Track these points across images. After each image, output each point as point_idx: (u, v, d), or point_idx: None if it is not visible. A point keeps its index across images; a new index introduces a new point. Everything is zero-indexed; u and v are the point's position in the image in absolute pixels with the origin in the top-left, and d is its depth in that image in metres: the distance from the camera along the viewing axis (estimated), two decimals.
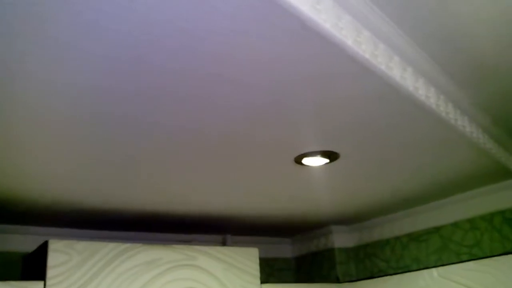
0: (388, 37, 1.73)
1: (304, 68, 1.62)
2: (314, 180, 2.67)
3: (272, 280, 4.09)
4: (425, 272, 3.11)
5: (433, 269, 3.07)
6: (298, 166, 2.46)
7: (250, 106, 1.85)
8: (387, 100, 1.87)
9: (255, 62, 1.58)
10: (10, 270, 3.23)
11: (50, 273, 2.66)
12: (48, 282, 2.64)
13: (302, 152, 2.32)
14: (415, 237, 3.57)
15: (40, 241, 3.25)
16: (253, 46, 1.49)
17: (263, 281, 3.66)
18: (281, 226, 3.73)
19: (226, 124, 1.98)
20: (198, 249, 3.09)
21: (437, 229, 3.45)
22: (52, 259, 2.68)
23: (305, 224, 3.73)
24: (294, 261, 4.26)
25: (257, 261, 3.26)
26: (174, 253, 3.01)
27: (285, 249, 4.22)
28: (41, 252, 2.80)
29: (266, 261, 4.09)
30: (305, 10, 1.37)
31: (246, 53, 1.53)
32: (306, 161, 2.40)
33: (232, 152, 2.27)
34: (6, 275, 3.18)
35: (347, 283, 3.61)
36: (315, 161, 2.40)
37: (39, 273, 2.77)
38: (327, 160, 2.39)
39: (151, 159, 2.28)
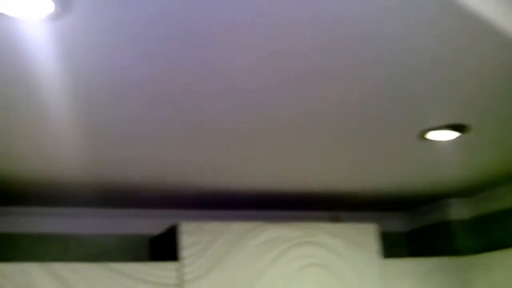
0: None
1: (436, 42, 1.60)
2: (439, 155, 2.63)
3: (386, 255, 4.08)
4: None
5: None
6: (423, 141, 2.44)
7: (377, 82, 1.85)
8: None
9: (385, 36, 1.57)
10: (138, 252, 3.41)
11: (184, 253, 2.79)
12: (183, 262, 2.78)
13: (428, 127, 2.29)
14: None
15: (165, 223, 3.41)
16: (386, 22, 1.49)
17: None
18: (394, 201, 3.71)
19: (349, 101, 2.00)
20: (318, 226, 3.14)
21: None
22: (185, 240, 2.81)
23: (421, 198, 3.69)
24: (407, 236, 4.22)
25: (376, 236, 3.26)
26: (296, 231, 3.07)
27: (397, 224, 4.19)
28: (171, 234, 2.94)
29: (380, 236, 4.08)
30: None
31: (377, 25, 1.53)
32: (431, 135, 2.37)
33: (351, 130, 2.29)
34: (135, 257, 3.35)
35: (466, 256, 3.55)
36: (442, 135, 2.37)
37: (170, 254, 2.92)
38: (456, 134, 2.35)
39: (273, 139, 2.34)
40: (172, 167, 2.61)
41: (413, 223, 4.17)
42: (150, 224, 3.44)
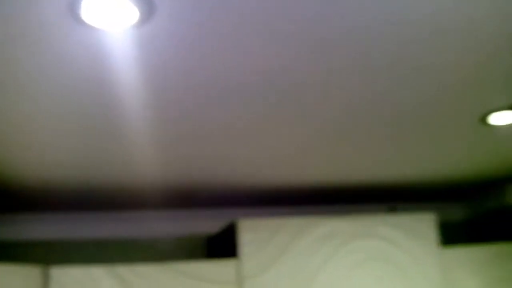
0: None
1: (497, 23, 1.58)
2: (499, 139, 2.58)
3: (444, 244, 4.02)
4: None
5: None
6: (483, 125, 2.40)
7: (436, 68, 1.83)
8: None
9: (446, 20, 1.55)
10: (195, 252, 3.44)
11: (242, 250, 2.81)
12: (242, 259, 2.79)
13: (487, 110, 2.25)
14: None
15: (219, 222, 3.43)
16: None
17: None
18: (452, 190, 3.66)
19: (406, 91, 1.98)
20: (374, 218, 3.11)
21: None
22: (244, 237, 2.82)
23: (479, 185, 3.63)
24: (466, 224, 4.15)
25: (434, 226, 3.22)
26: (353, 224, 3.05)
27: (456, 213, 4.13)
28: (229, 232, 2.96)
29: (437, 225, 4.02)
30: None
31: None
32: (491, 119, 2.32)
33: (408, 119, 2.27)
34: (193, 257, 3.39)
35: None
36: (501, 118, 2.32)
37: (229, 252, 2.94)
38: None
39: (328, 132, 2.34)
40: (228, 164, 2.64)
41: (472, 210, 4.10)
42: (206, 223, 3.47)
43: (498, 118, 2.33)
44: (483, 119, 2.34)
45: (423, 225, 3.19)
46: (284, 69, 1.73)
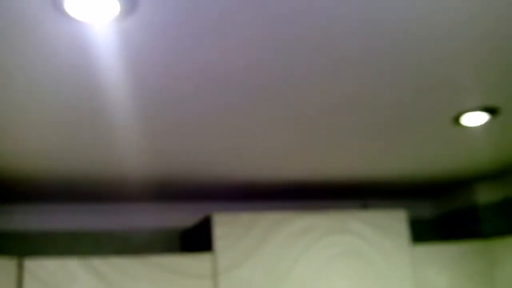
0: None
1: (471, 25, 1.62)
2: (471, 139, 2.64)
3: (414, 241, 4.09)
4: None
5: None
6: (455, 125, 2.45)
7: (410, 68, 1.87)
8: None
9: (420, 22, 1.59)
10: (169, 246, 3.45)
11: (217, 244, 2.83)
12: (217, 253, 2.82)
13: (460, 110, 2.30)
14: None
15: (194, 216, 3.45)
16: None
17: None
18: (423, 187, 3.73)
19: (381, 88, 2.02)
20: (348, 214, 3.16)
21: None
22: (218, 231, 2.85)
23: (449, 183, 3.70)
24: (435, 222, 4.23)
25: (406, 223, 3.28)
26: (327, 219, 3.10)
27: (426, 210, 4.21)
28: (204, 226, 2.98)
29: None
30: None
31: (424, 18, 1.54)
32: (464, 119, 2.38)
33: (383, 117, 2.31)
34: (167, 250, 3.40)
35: (494, 239, 3.55)
36: (473, 119, 2.38)
37: (204, 246, 2.96)
38: (487, 117, 2.36)
39: (303, 129, 2.37)
40: (204, 158, 2.65)
41: (441, 208, 4.18)
42: (181, 217, 3.48)
43: (471, 119, 2.39)
44: (456, 120, 2.39)
45: (394, 222, 3.25)
46: (263, 65, 1.75)
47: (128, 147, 2.37)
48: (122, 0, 1.32)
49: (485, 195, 3.85)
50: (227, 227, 2.87)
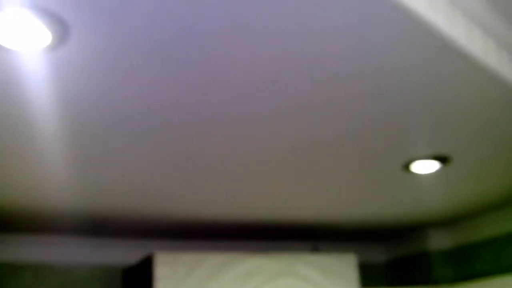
0: None
1: (428, 81, 1.60)
2: (421, 186, 2.61)
3: (364, 285, 4.03)
4: None
5: None
6: (406, 172, 2.41)
7: (367, 116, 1.83)
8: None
9: (379, 69, 1.55)
10: (111, 283, 3.30)
11: (158, 284, 2.70)
12: None
13: (411, 157, 2.27)
14: None
15: (138, 254, 3.32)
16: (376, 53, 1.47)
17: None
18: (374, 231, 3.68)
19: (336, 134, 1.98)
20: (296, 257, 3.08)
21: None
22: (160, 271, 2.72)
23: (400, 228, 3.67)
24: (385, 266, 4.19)
25: (355, 267, 3.21)
26: (274, 262, 3.00)
27: (376, 254, 4.16)
28: (146, 265, 2.85)
29: (358, 266, 4.03)
30: (433, 19, 1.35)
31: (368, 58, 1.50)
32: (415, 167, 2.34)
33: (335, 162, 2.26)
34: (108, 287, 3.25)
35: (444, 286, 3.52)
36: (424, 167, 2.35)
37: (145, 285, 2.83)
38: (438, 165, 2.33)
39: (252, 170, 2.30)
40: (150, 197, 2.55)
41: (392, 253, 4.14)
42: (124, 254, 3.35)
43: (421, 167, 2.36)
44: (406, 166, 2.36)
45: (343, 266, 3.18)
46: (188, 104, 1.68)
47: (58, 178, 2.24)
48: (53, 29, 1.24)
49: (436, 242, 3.83)
50: (169, 267, 2.75)
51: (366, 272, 4.05)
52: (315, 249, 3.69)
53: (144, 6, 1.20)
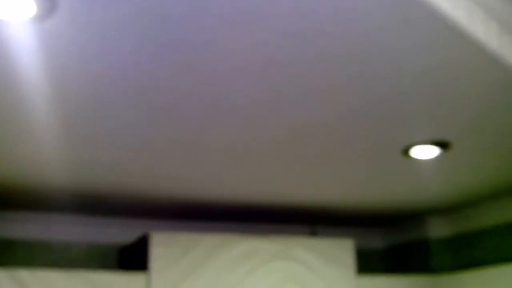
0: None
1: (426, 61, 1.57)
2: (421, 172, 2.59)
3: (361, 271, 4.02)
4: None
5: None
6: (405, 158, 2.39)
7: (364, 98, 1.81)
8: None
9: (378, 51, 1.52)
10: (107, 262, 3.30)
11: (153, 264, 2.69)
12: (152, 273, 2.68)
13: (411, 142, 2.24)
14: None
15: (134, 233, 3.30)
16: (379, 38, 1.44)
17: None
18: (373, 217, 3.66)
19: (334, 117, 1.96)
20: (293, 240, 3.06)
21: None
22: (155, 251, 2.71)
23: (399, 215, 3.64)
24: (383, 253, 4.17)
25: (352, 252, 3.20)
26: (271, 245, 2.99)
27: (374, 240, 4.14)
28: (141, 244, 2.84)
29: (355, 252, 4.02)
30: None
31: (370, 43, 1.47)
32: (414, 152, 2.32)
33: (334, 144, 2.24)
34: (104, 266, 3.25)
35: (443, 274, 3.50)
36: (424, 153, 2.32)
37: (140, 265, 2.82)
38: (438, 151, 2.30)
39: (251, 152, 2.29)
40: (147, 177, 2.54)
41: (391, 240, 4.12)
42: (120, 233, 3.33)
43: (420, 152, 2.33)
44: (405, 152, 2.33)
45: (340, 251, 3.16)
46: (165, 82, 1.66)
47: (51, 154, 2.22)
48: (39, 0, 1.21)
49: (436, 230, 3.81)
50: (165, 247, 2.74)
51: (363, 258, 4.02)
52: (313, 234, 3.68)
53: None
